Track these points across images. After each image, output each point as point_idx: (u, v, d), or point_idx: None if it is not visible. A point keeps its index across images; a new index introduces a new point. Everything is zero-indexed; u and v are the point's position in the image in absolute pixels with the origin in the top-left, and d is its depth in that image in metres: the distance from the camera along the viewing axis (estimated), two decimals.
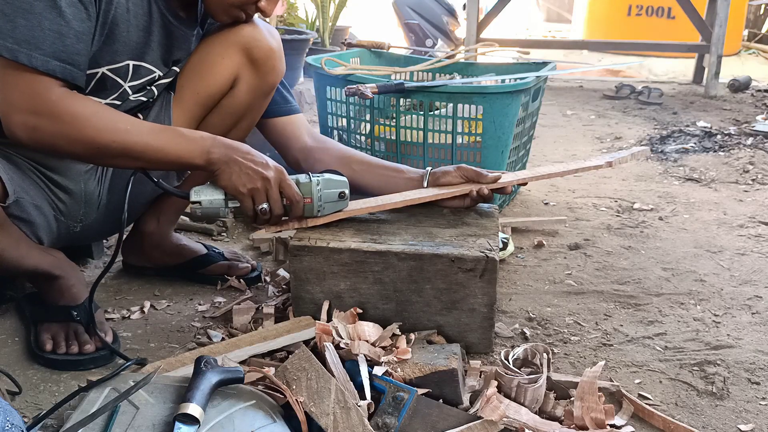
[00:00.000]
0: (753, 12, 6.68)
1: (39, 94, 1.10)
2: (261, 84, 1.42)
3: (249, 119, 1.47)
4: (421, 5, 5.28)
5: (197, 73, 1.40)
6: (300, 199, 1.25)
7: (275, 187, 1.22)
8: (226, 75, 1.40)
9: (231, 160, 1.19)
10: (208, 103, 1.42)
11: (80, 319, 1.29)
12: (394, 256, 1.25)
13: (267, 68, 1.41)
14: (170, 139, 1.18)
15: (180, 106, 1.40)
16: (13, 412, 0.89)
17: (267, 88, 1.44)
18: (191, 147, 1.19)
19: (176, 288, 1.56)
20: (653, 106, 3.68)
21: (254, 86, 1.42)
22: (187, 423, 0.93)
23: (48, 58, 1.09)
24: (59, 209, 1.32)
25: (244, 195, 1.20)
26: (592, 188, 2.34)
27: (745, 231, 1.96)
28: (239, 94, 1.42)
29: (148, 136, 1.17)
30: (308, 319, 1.28)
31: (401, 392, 1.05)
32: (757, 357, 1.31)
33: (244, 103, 1.43)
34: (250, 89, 1.42)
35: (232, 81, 1.41)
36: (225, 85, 1.41)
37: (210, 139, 1.20)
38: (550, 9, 8.31)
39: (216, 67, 1.39)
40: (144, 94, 1.33)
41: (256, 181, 1.20)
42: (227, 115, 1.43)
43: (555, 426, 1.07)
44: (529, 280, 1.63)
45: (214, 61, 1.39)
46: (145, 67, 1.29)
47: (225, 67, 1.39)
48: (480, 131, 1.85)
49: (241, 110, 1.44)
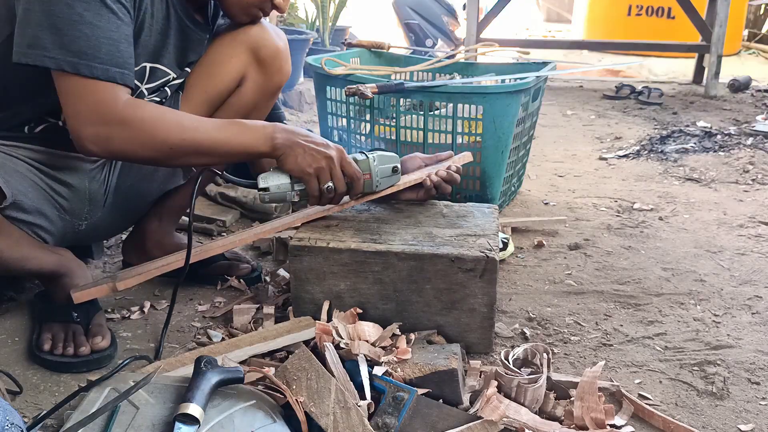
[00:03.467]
0: (753, 12, 6.68)
1: (106, 103, 1.12)
2: (267, 84, 1.45)
3: (254, 118, 1.48)
4: (421, 5, 5.28)
5: (205, 72, 1.42)
6: (361, 176, 1.29)
7: (338, 166, 1.25)
8: (233, 74, 1.42)
9: (294, 144, 1.23)
10: (215, 101, 1.44)
11: (80, 321, 1.30)
12: (394, 256, 1.25)
13: (274, 68, 1.44)
14: (235, 132, 1.22)
15: (188, 104, 1.42)
16: (13, 412, 0.89)
17: (273, 88, 1.47)
18: (255, 136, 1.22)
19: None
20: (653, 106, 3.68)
21: (261, 86, 1.45)
22: (187, 423, 0.93)
23: (107, 66, 1.11)
24: (62, 207, 1.32)
25: (311, 175, 1.24)
26: (592, 188, 2.34)
27: (745, 231, 1.96)
28: (246, 92, 1.44)
29: (213, 132, 1.21)
30: (308, 319, 1.28)
31: (401, 392, 1.05)
32: (757, 357, 1.31)
33: (251, 102, 1.46)
34: (256, 88, 1.45)
35: (239, 80, 1.43)
36: (232, 84, 1.43)
37: (271, 127, 1.24)
38: (550, 9, 8.32)
39: (224, 66, 1.41)
40: (158, 94, 1.35)
41: (320, 161, 1.23)
42: (233, 113, 1.44)
43: (555, 426, 1.07)
44: (529, 280, 1.63)
45: (222, 60, 1.41)
46: (161, 70, 1.31)
47: (233, 66, 1.42)
48: (480, 131, 1.85)
49: (247, 109, 1.46)
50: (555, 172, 2.55)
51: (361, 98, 1.84)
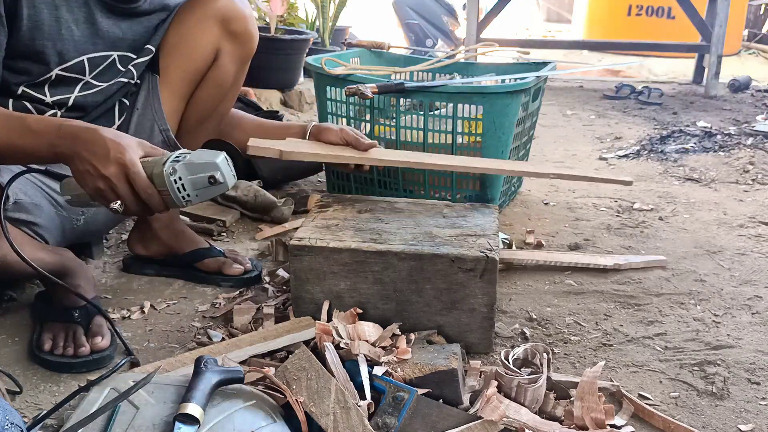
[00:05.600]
0: (753, 12, 6.68)
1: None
2: (242, 52, 1.47)
3: (234, 89, 1.51)
4: (421, 5, 5.28)
5: (179, 51, 1.42)
6: (152, 193, 1.07)
7: (122, 183, 1.05)
8: (208, 48, 1.43)
9: (75, 155, 1.05)
10: (194, 78, 1.45)
11: (80, 321, 1.29)
12: (394, 256, 1.25)
13: (246, 37, 1.45)
14: (20, 134, 1.08)
15: (167, 87, 1.43)
16: (13, 412, 0.89)
17: (247, 56, 1.49)
18: (37, 141, 1.08)
19: (176, 288, 1.56)
20: (653, 106, 3.68)
21: (236, 56, 1.46)
22: (187, 423, 0.93)
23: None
24: (58, 203, 1.32)
25: (93, 195, 1.08)
26: (592, 188, 2.34)
27: (745, 231, 1.96)
28: (224, 65, 1.45)
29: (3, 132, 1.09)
30: (308, 319, 1.28)
31: (401, 392, 1.05)
32: (757, 357, 1.31)
33: (231, 73, 1.47)
34: (233, 59, 1.46)
35: (214, 54, 1.44)
36: (209, 58, 1.44)
37: (55, 130, 1.07)
38: (550, 9, 8.31)
39: (198, 43, 1.42)
40: (122, 74, 1.35)
41: (96, 181, 1.05)
42: (215, 87, 1.46)
43: (555, 426, 1.07)
44: (529, 280, 1.63)
45: (194, 37, 1.41)
46: (99, 56, 1.30)
47: (206, 41, 1.42)
48: (480, 131, 1.85)
49: (228, 81, 1.47)
50: None
51: (361, 98, 1.84)
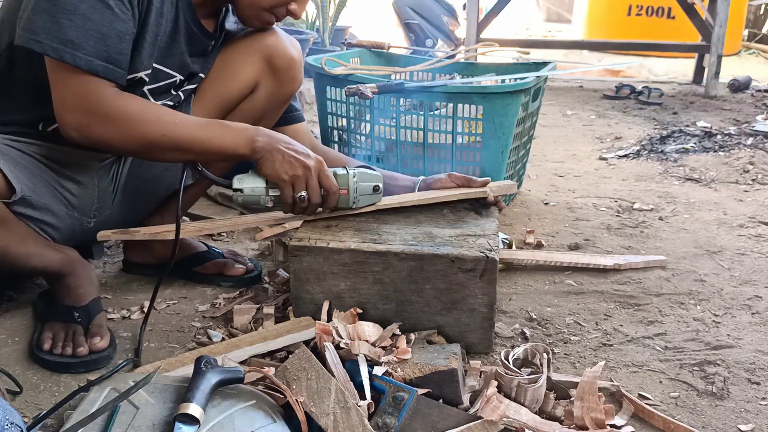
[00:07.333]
0: (753, 12, 6.68)
1: (89, 94, 1.14)
2: (280, 92, 1.47)
3: (263, 124, 1.49)
4: (421, 5, 5.28)
5: (219, 77, 1.44)
6: (336, 190, 1.29)
7: (315, 177, 1.25)
8: (247, 80, 1.44)
9: (274, 149, 1.23)
10: (227, 105, 1.46)
11: (81, 321, 1.30)
12: (394, 257, 1.25)
13: (287, 78, 1.46)
14: (216, 131, 1.23)
15: (200, 106, 1.44)
16: (13, 412, 0.89)
17: (285, 96, 1.49)
18: (237, 137, 1.23)
19: (176, 288, 1.56)
20: (653, 106, 3.68)
21: (273, 93, 1.47)
22: (187, 423, 0.93)
23: (91, 58, 1.13)
24: (70, 203, 1.33)
25: (285, 182, 1.23)
26: (592, 188, 2.34)
27: (745, 231, 1.96)
28: (258, 99, 1.46)
29: (195, 129, 1.22)
30: (308, 319, 1.28)
31: (401, 392, 1.05)
32: (757, 357, 1.31)
33: (262, 109, 1.48)
34: (269, 96, 1.47)
35: (252, 86, 1.45)
36: (245, 90, 1.45)
37: (253, 130, 1.24)
38: (550, 9, 8.31)
39: (238, 73, 1.44)
40: (171, 98, 1.36)
41: (297, 169, 1.23)
42: (244, 118, 1.45)
43: (555, 426, 1.07)
44: (529, 280, 1.63)
45: (236, 66, 1.43)
46: (163, 71, 1.31)
47: (247, 73, 1.44)
48: (480, 131, 1.85)
49: (258, 115, 1.47)
50: (555, 172, 2.55)
51: (361, 98, 1.84)
